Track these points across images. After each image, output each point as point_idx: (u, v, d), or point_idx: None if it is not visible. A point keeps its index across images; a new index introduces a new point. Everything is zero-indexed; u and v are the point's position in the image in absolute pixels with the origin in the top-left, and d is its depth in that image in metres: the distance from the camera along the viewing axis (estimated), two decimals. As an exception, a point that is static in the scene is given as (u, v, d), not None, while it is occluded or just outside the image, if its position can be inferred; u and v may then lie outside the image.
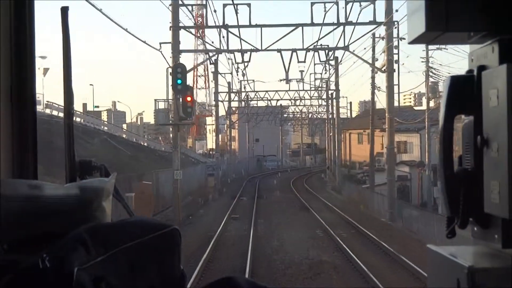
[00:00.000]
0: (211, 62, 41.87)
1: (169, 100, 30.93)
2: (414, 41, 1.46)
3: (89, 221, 1.34)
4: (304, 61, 34.40)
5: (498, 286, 1.34)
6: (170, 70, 31.24)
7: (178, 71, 31.42)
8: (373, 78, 43.74)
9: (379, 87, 44.76)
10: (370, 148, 45.49)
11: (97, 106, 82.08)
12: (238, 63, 38.24)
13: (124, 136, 65.63)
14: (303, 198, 45.21)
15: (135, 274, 1.25)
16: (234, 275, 1.32)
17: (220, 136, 80.00)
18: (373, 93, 45.34)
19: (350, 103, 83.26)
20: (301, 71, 47.43)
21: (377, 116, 48.94)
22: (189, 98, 31.67)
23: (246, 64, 36.29)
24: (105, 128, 57.05)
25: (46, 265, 1.18)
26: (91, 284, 1.17)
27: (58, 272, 1.17)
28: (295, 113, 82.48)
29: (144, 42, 29.47)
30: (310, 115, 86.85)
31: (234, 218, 32.74)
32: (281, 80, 43.16)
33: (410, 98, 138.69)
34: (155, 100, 31.28)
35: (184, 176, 48.58)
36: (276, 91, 60.80)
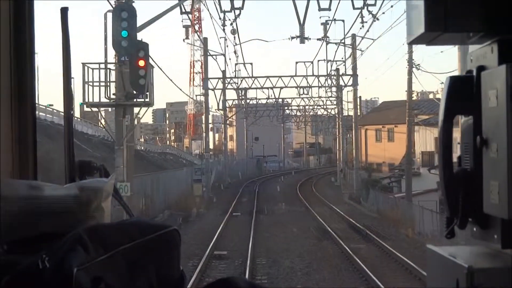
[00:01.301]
0: (183, 11, 27.92)
1: (109, 66, 17.24)
2: (413, 42, 1.52)
3: (89, 222, 1.44)
4: (329, 9, 21.07)
5: (497, 286, 1.39)
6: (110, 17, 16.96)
7: (123, 17, 19.69)
8: (410, 52, 36.07)
9: (418, 65, 37.14)
10: (407, 146, 38.34)
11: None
12: (225, 12, 24.63)
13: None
14: (318, 214, 36.34)
15: (134, 275, 1.34)
16: (233, 276, 1.39)
17: (217, 135, 65.96)
18: (410, 73, 36.76)
19: (360, 97, 70.46)
20: (325, 24, 33.71)
21: (398, 108, 45.29)
22: (141, 62, 20.32)
23: (237, 12, 22.82)
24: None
25: (45, 265, 1.26)
26: (90, 285, 1.26)
27: (57, 272, 1.26)
28: (300, 106, 69.61)
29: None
30: (316, 110, 73.66)
31: (219, 256, 18.82)
32: (292, 38, 29.67)
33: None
34: (83, 64, 16.82)
35: (160, 183, 36.43)
36: (280, 76, 47.81)
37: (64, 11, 1.62)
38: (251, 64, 53.01)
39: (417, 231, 27.79)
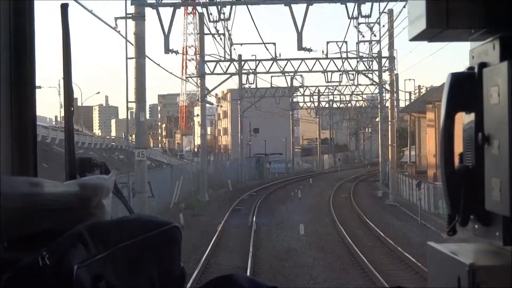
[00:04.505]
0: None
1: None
2: (414, 38, 1.51)
3: (89, 219, 1.42)
4: None
5: (499, 283, 1.38)
6: None
7: None
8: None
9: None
10: None
11: (39, 87, 52.74)
12: None
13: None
14: None
15: (135, 272, 1.33)
16: (234, 273, 1.39)
17: (209, 128, 38.65)
18: None
19: (397, 74, 41.72)
20: None
21: None
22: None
23: None
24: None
25: (46, 263, 1.25)
26: (90, 282, 1.26)
27: (57, 269, 1.25)
28: (320, 72, 41.92)
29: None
30: (343, 82, 49.97)
31: None
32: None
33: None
34: None
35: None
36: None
37: (64, 8, 1.59)
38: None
39: None
